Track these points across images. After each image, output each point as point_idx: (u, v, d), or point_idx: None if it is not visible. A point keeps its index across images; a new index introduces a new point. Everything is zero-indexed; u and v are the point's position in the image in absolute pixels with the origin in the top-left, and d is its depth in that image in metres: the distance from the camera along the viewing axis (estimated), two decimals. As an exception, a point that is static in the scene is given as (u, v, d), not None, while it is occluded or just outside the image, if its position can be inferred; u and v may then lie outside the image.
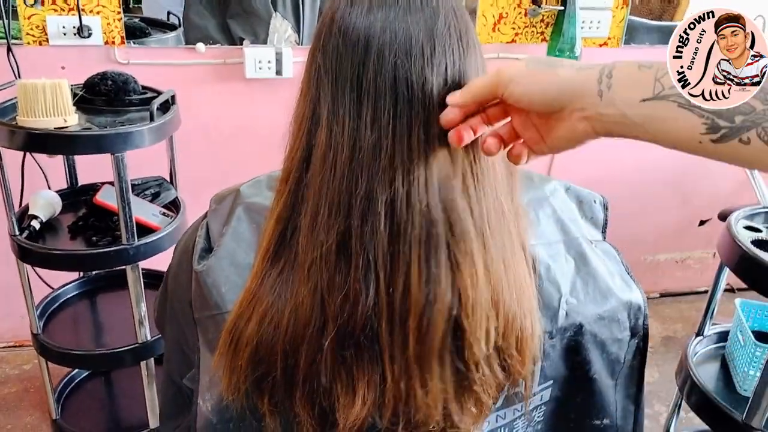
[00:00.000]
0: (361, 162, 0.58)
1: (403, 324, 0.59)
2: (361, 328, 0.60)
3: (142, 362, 1.74)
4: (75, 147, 1.53)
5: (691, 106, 0.47)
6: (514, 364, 0.64)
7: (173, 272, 0.81)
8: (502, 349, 0.63)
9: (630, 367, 0.81)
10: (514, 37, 2.31)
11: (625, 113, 0.49)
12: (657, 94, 0.48)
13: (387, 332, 0.59)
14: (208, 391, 0.73)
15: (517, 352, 0.64)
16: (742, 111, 0.45)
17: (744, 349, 1.54)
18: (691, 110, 0.47)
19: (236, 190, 0.77)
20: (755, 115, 0.45)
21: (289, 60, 2.10)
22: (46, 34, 1.93)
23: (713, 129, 0.46)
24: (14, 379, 2.26)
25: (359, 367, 0.61)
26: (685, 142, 0.48)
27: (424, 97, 0.59)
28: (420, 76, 0.59)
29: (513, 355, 0.64)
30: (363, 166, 0.58)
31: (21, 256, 1.63)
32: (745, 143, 0.45)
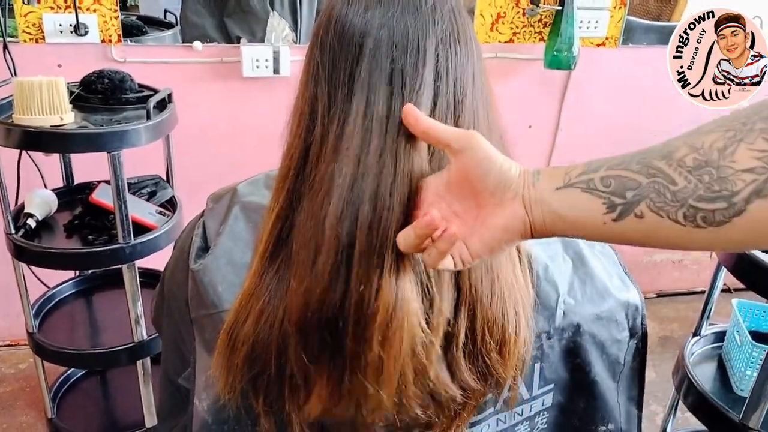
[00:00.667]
0: (349, 156, 0.58)
1: (368, 325, 0.58)
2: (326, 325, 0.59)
3: (138, 361, 1.73)
4: (71, 145, 1.53)
5: (591, 189, 0.51)
6: (494, 366, 0.63)
7: (170, 271, 0.80)
8: (480, 353, 0.62)
9: (631, 369, 0.80)
10: (512, 37, 2.31)
11: (544, 199, 0.53)
12: (566, 183, 0.52)
13: (352, 332, 0.58)
14: (204, 391, 0.73)
15: (499, 354, 0.63)
16: (630, 186, 0.50)
17: (741, 350, 1.54)
18: (591, 192, 0.51)
19: (233, 189, 0.76)
20: (641, 189, 0.49)
21: (286, 58, 2.10)
22: (42, 32, 1.92)
23: (611, 207, 0.50)
24: (10, 378, 2.25)
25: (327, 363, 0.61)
26: (594, 227, 0.51)
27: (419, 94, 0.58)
28: (414, 72, 0.58)
29: (492, 358, 0.63)
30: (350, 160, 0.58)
31: (17, 255, 1.63)
32: (639, 217, 0.49)
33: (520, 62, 2.35)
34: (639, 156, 0.52)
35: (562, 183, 0.53)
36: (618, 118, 2.54)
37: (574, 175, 0.53)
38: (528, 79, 2.40)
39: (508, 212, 0.54)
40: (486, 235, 0.55)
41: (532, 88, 2.42)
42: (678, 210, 0.48)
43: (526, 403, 0.74)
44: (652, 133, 2.56)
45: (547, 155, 2.55)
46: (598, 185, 0.51)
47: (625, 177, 0.50)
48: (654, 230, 0.49)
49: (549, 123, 2.50)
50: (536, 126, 2.49)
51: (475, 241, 0.56)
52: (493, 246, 0.55)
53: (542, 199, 0.53)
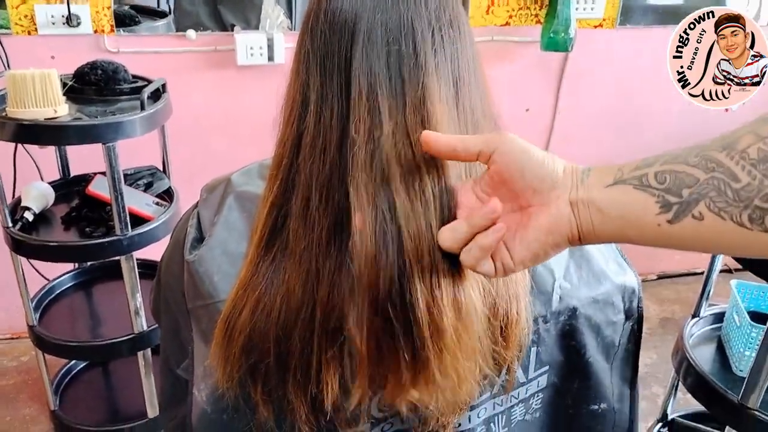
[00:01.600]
0: (352, 145, 0.57)
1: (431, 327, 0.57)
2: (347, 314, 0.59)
3: (138, 352, 1.74)
4: (65, 137, 1.52)
5: (644, 186, 0.46)
6: (498, 350, 0.63)
7: (165, 262, 0.80)
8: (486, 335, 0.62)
9: (625, 350, 0.81)
10: (508, 20, 2.29)
11: (592, 198, 0.48)
12: (617, 179, 0.48)
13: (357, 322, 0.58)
14: (203, 381, 0.73)
15: (503, 337, 0.63)
16: (687, 183, 0.44)
17: (740, 330, 1.54)
18: (644, 189, 0.46)
19: (227, 179, 0.76)
20: (699, 186, 0.44)
21: (281, 46, 2.09)
22: (34, 24, 1.91)
23: (666, 206, 0.45)
24: (12, 371, 2.26)
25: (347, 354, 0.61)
26: (646, 229, 0.47)
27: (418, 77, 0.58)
28: (411, 55, 0.58)
29: (498, 341, 0.63)
30: (353, 148, 0.57)
31: (15, 249, 1.63)
32: (698, 219, 0.44)
33: (517, 45, 2.34)
34: (699, 147, 0.46)
35: (613, 180, 0.48)
36: (616, 99, 2.53)
37: (628, 170, 0.48)
38: (525, 62, 2.38)
39: (553, 211, 0.50)
40: (530, 238, 0.51)
41: (529, 71, 2.41)
42: (742, 211, 0.42)
43: (522, 386, 0.75)
44: (651, 114, 2.56)
45: (545, 138, 2.54)
46: (651, 181, 0.46)
47: (682, 172, 0.45)
48: (715, 234, 0.44)
49: (546, 106, 2.49)
50: (533, 109, 2.48)
51: (517, 245, 0.51)
52: (537, 251, 0.51)
53: (590, 198, 0.48)
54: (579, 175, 0.50)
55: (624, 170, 0.48)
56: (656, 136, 2.60)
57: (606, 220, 0.48)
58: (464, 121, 0.60)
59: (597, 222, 0.49)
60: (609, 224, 0.48)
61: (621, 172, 0.48)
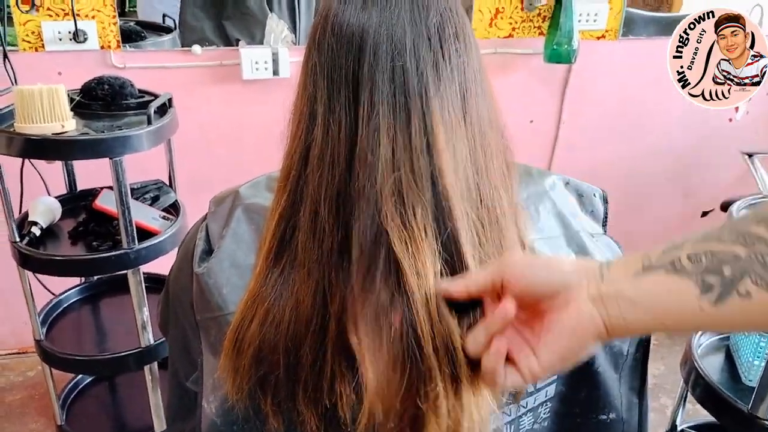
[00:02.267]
0: (360, 158, 0.58)
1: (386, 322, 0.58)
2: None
3: (145, 366, 1.74)
4: (73, 152, 1.53)
5: (677, 270, 0.44)
6: None
7: (174, 275, 0.80)
8: None
9: (634, 360, 0.80)
10: (512, 32, 2.30)
11: (620, 291, 0.47)
12: (646, 267, 0.46)
13: None
14: (212, 393, 0.73)
15: None
16: (726, 261, 0.42)
17: (748, 340, 1.54)
18: (679, 273, 0.44)
19: (235, 192, 0.76)
20: (741, 262, 0.42)
21: (285, 60, 2.10)
22: (41, 40, 1.93)
23: (706, 288, 0.43)
24: (19, 386, 2.26)
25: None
26: (688, 315, 0.44)
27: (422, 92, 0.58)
28: (416, 70, 0.58)
29: None
30: (361, 161, 0.58)
31: (22, 263, 1.63)
32: (745, 296, 0.42)
33: (520, 57, 2.35)
34: (729, 225, 0.44)
35: (642, 267, 0.46)
36: (620, 109, 2.53)
37: (655, 257, 0.46)
38: (528, 74, 2.39)
39: (573, 314, 0.48)
40: (554, 342, 0.50)
41: (533, 82, 2.42)
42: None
43: (530, 395, 0.74)
44: (654, 123, 2.56)
45: (550, 150, 2.55)
46: (686, 264, 0.44)
47: (718, 251, 0.43)
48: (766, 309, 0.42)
49: (550, 117, 2.50)
50: (538, 120, 2.49)
51: (542, 349, 0.50)
52: (564, 354, 0.50)
53: (618, 292, 0.47)
54: (596, 270, 0.49)
55: (651, 257, 0.46)
56: (660, 145, 2.60)
57: (640, 311, 0.46)
58: (471, 133, 0.61)
59: (629, 314, 0.47)
60: (643, 315, 0.46)
61: (648, 260, 0.46)
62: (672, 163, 2.67)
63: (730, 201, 1.52)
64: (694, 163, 2.70)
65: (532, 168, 0.80)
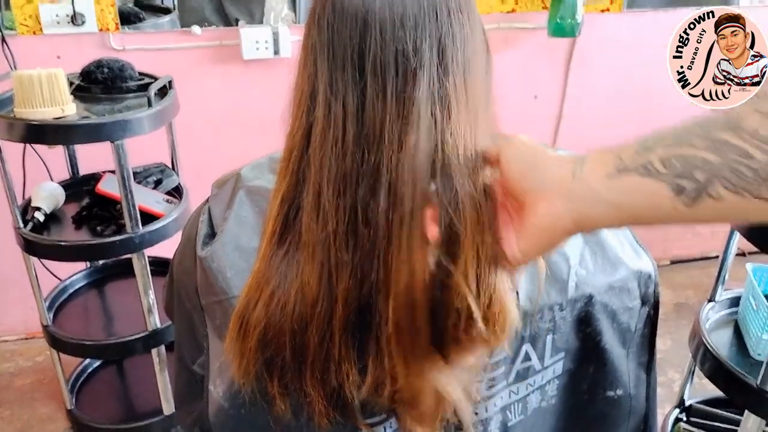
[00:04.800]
0: (369, 136, 0.57)
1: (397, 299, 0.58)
2: (367, 305, 0.59)
3: (153, 350, 1.74)
4: (74, 136, 1.52)
5: (651, 173, 0.46)
6: None
7: (178, 259, 0.80)
8: None
9: (641, 336, 0.80)
10: (515, 6, 2.28)
11: (594, 190, 0.49)
12: (620, 169, 0.48)
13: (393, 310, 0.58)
14: (219, 376, 0.73)
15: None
16: (698, 165, 0.44)
17: (757, 314, 1.53)
18: (652, 177, 0.46)
19: (237, 174, 0.76)
20: (712, 168, 0.44)
21: (286, 39, 2.08)
22: (39, 24, 1.91)
23: (678, 190, 0.45)
24: (28, 371, 2.27)
25: (368, 345, 0.61)
26: (663, 213, 0.47)
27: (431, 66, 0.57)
28: (424, 44, 0.57)
29: None
30: (370, 140, 0.57)
31: (27, 249, 1.63)
32: (716, 199, 0.44)
33: (523, 32, 2.32)
34: (698, 129, 0.46)
35: (615, 168, 0.48)
36: (625, 84, 2.50)
37: (628, 157, 0.48)
38: (532, 49, 2.36)
39: (542, 210, 0.52)
40: (527, 236, 0.54)
41: (537, 57, 2.39)
42: (761, 186, 0.42)
43: (537, 373, 0.74)
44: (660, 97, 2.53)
45: (554, 125, 2.53)
46: (658, 167, 0.46)
47: (690, 156, 0.45)
48: (736, 211, 0.44)
49: (555, 92, 2.47)
50: (542, 96, 2.47)
51: (520, 239, 0.55)
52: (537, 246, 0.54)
53: (591, 191, 0.49)
54: (568, 171, 0.51)
55: (623, 156, 0.48)
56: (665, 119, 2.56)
57: (613, 210, 0.49)
58: (474, 107, 0.60)
59: (602, 212, 0.49)
60: (616, 214, 0.49)
61: (620, 160, 0.48)
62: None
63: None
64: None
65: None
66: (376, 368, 0.61)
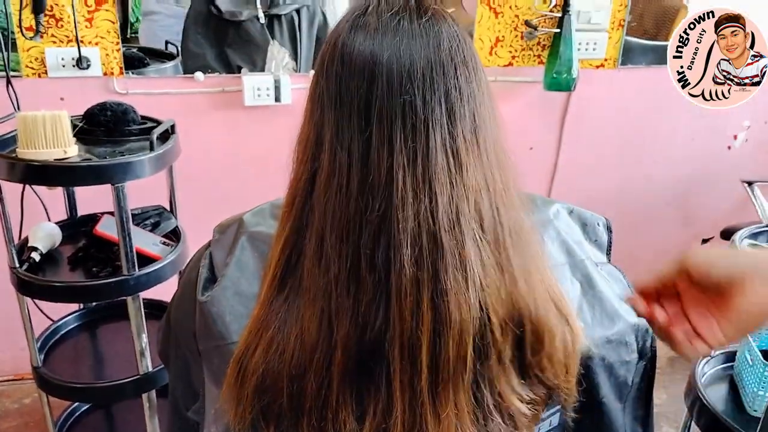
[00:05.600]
0: (374, 185, 0.58)
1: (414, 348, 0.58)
2: (369, 353, 0.59)
3: (143, 394, 1.71)
4: (75, 178, 1.53)
5: None
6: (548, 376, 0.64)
7: (176, 303, 0.80)
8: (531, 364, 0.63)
9: (638, 390, 0.80)
10: (511, 60, 2.32)
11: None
12: None
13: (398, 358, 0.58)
14: (214, 423, 0.72)
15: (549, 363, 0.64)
16: None
17: (752, 369, 1.52)
18: None
19: (239, 219, 0.76)
20: None
21: (287, 87, 2.11)
22: (45, 66, 1.94)
23: None
24: (14, 414, 2.23)
25: (368, 393, 0.60)
26: None
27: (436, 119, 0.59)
28: (430, 98, 0.59)
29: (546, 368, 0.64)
30: (376, 189, 0.58)
31: (21, 289, 1.62)
32: None
33: (520, 85, 2.37)
34: None
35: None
36: (619, 137, 2.54)
37: None
38: (528, 102, 2.41)
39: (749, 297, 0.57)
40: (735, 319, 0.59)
41: (533, 110, 2.43)
42: None
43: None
44: (654, 151, 2.57)
45: (550, 176, 2.55)
46: None
47: None
48: None
49: (550, 144, 2.51)
50: (537, 148, 2.50)
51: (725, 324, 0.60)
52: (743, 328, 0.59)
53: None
54: None
55: None
56: (659, 172, 2.61)
57: None
58: (487, 157, 0.61)
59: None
60: None
61: None
62: (671, 190, 2.67)
63: (732, 229, 1.53)
64: (694, 190, 2.70)
65: (536, 196, 0.80)
66: (377, 415, 0.60)
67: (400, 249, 0.57)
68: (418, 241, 0.57)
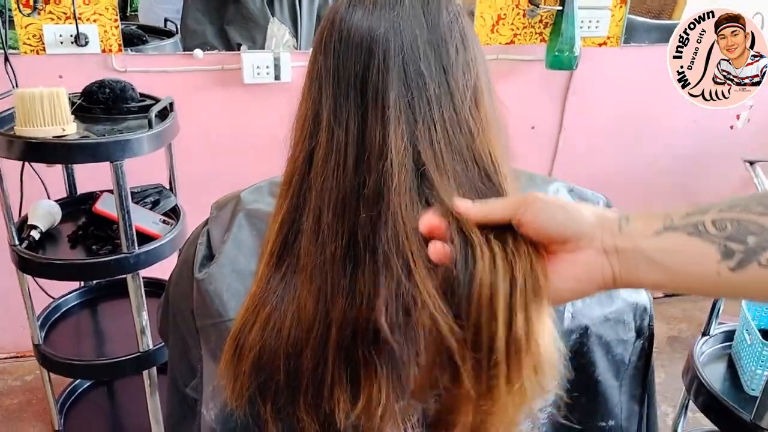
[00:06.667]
0: (370, 162, 0.58)
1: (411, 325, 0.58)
2: (364, 331, 0.59)
3: (144, 371, 1.73)
4: (73, 156, 1.53)
5: (700, 232, 0.45)
6: None
7: (174, 281, 0.80)
8: None
9: (635, 368, 0.80)
10: (513, 38, 2.30)
11: (637, 246, 0.48)
12: (667, 227, 0.47)
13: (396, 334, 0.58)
14: (212, 400, 0.73)
15: None
16: (753, 231, 0.43)
17: (751, 349, 1.53)
18: (701, 237, 0.45)
19: (237, 197, 0.76)
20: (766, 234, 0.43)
21: (287, 65, 2.10)
22: (43, 43, 1.92)
23: (727, 254, 0.44)
24: (16, 390, 2.25)
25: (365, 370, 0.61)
26: (704, 277, 0.46)
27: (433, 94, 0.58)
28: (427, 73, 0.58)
29: None
30: (372, 166, 0.58)
31: (21, 267, 1.62)
32: (764, 266, 0.43)
33: (522, 63, 2.35)
34: (758, 197, 0.46)
35: (662, 226, 0.47)
36: (621, 117, 2.53)
37: (678, 217, 0.47)
38: (530, 80, 2.39)
39: (581, 260, 0.50)
40: (558, 282, 0.51)
41: (534, 89, 2.41)
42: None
43: None
44: (655, 130, 2.56)
45: (551, 156, 2.54)
46: (709, 228, 0.45)
47: (746, 220, 0.44)
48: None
49: (552, 123, 2.50)
50: (539, 127, 2.49)
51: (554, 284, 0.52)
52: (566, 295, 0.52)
53: (634, 246, 0.48)
54: (614, 224, 0.50)
55: (674, 218, 0.47)
56: (661, 152, 2.60)
57: (654, 267, 0.47)
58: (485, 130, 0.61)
59: (642, 269, 0.48)
60: (657, 272, 0.47)
61: (670, 219, 0.47)
62: (673, 170, 2.66)
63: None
64: (696, 170, 2.69)
65: (535, 175, 0.79)
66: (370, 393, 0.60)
67: (393, 224, 0.57)
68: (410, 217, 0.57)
